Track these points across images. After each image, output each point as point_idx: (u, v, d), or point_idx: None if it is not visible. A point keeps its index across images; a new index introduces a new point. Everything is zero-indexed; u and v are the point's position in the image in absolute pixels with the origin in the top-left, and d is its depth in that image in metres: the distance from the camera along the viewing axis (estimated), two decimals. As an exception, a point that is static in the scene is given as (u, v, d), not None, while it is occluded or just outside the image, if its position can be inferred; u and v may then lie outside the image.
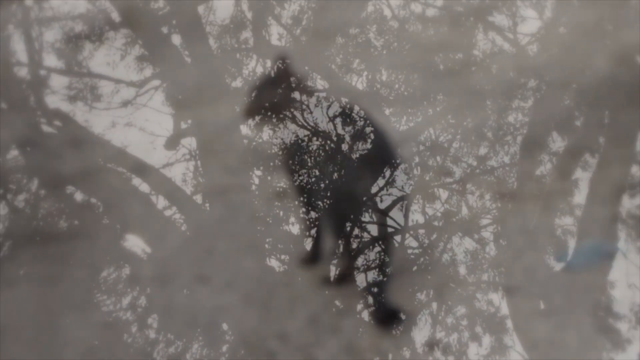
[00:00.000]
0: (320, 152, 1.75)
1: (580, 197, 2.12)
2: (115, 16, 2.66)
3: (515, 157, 2.22)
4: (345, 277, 1.87)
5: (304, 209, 1.82)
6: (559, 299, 1.87)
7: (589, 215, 2.08)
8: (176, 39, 2.60)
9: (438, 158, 2.20)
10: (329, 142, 1.76)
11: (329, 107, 1.83)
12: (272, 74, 1.85)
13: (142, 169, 2.17)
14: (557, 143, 2.27)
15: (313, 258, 1.89)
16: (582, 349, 1.75)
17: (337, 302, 1.82)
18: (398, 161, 1.82)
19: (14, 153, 2.17)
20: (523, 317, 1.84)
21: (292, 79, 1.85)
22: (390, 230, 1.81)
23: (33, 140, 2.19)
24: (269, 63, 2.35)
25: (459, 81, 2.42)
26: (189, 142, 2.25)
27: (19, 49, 2.49)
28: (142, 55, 2.51)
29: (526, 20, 2.67)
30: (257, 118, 1.86)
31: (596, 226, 2.05)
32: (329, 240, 1.81)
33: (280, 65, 1.86)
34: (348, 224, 1.78)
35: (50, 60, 2.49)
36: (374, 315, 1.77)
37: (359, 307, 1.78)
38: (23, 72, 2.48)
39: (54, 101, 2.34)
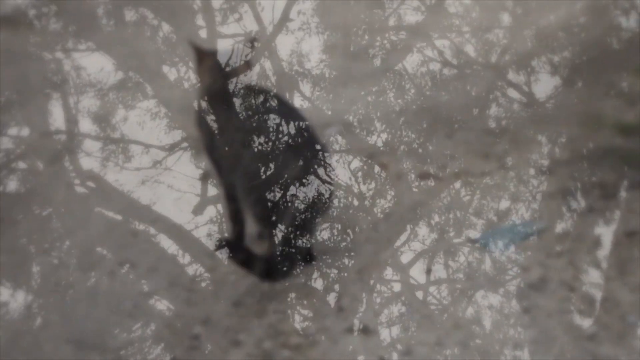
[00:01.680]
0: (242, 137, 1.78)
1: (501, 177, 2.09)
2: (148, 89, 2.76)
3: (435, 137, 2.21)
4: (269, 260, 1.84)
5: (226, 195, 1.82)
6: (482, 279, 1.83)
7: (512, 196, 2.04)
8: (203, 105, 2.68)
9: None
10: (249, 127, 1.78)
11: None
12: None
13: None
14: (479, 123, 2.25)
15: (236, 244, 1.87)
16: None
17: (262, 286, 1.78)
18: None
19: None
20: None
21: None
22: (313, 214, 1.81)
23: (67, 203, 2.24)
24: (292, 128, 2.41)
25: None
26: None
27: (56, 113, 2.59)
28: (172, 118, 2.59)
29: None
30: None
31: (519, 206, 2.01)
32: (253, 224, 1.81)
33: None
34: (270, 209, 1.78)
35: (85, 124, 2.58)
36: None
37: (284, 290, 1.76)
38: (59, 136, 2.57)
39: (88, 163, 2.41)
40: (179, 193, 2.26)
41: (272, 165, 1.78)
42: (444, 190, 2.08)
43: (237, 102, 1.97)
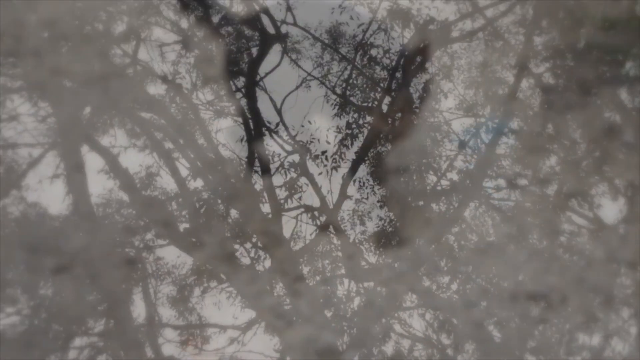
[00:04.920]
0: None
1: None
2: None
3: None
4: None
5: None
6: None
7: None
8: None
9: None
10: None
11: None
12: None
13: None
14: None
15: None
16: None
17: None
18: None
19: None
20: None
21: None
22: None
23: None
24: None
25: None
26: None
27: (137, 301, 2.61)
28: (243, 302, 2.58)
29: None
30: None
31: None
32: None
33: None
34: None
35: (165, 310, 2.58)
36: None
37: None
38: (140, 326, 2.56)
39: (168, 349, 2.38)
40: (257, 368, 2.18)
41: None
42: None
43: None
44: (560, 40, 2.20)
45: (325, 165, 2.83)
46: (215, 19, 3.02)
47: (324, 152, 2.87)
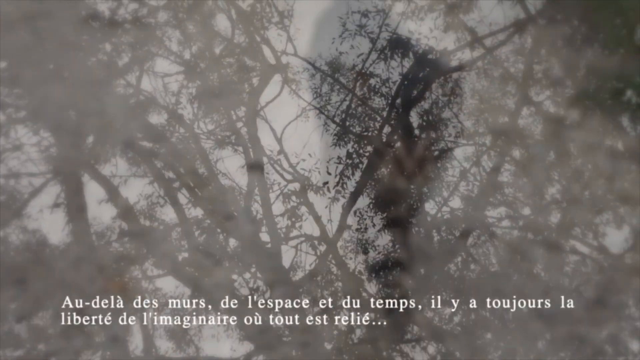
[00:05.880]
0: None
1: None
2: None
3: None
4: None
5: None
6: None
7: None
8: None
9: None
10: None
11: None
12: None
13: None
14: None
15: None
16: None
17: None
18: None
19: None
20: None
21: None
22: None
23: None
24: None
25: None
26: None
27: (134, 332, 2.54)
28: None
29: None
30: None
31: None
32: None
33: None
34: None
35: (162, 343, 2.51)
36: None
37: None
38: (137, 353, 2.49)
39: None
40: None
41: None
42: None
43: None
44: (560, 69, 2.18)
45: (329, 198, 2.78)
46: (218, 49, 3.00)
47: (325, 184, 2.83)
